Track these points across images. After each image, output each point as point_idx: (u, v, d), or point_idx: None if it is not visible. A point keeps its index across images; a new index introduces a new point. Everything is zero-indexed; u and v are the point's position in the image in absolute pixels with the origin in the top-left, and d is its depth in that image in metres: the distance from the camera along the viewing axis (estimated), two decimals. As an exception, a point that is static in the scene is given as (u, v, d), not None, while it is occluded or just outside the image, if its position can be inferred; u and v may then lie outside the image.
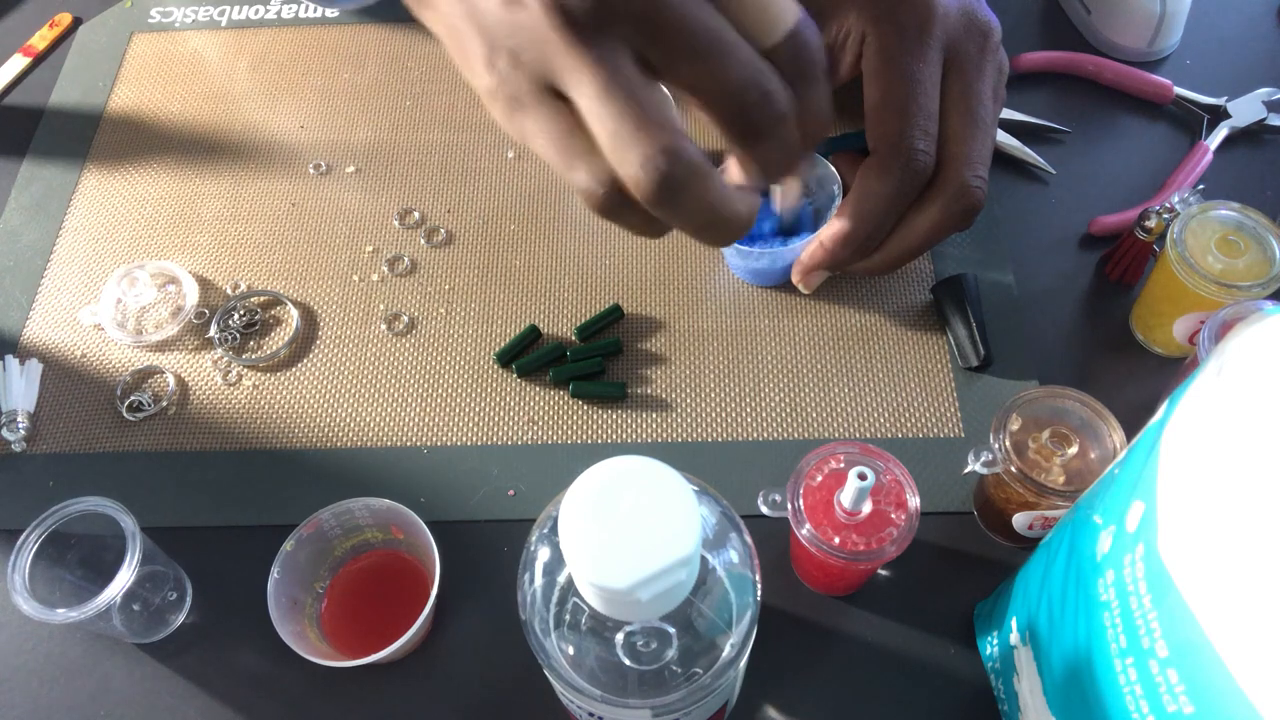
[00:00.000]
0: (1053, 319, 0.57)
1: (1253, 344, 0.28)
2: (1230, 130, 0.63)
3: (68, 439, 0.55)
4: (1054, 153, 0.63)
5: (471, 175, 0.64)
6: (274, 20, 0.72)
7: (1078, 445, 0.45)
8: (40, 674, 0.48)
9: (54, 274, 0.61)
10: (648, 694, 0.32)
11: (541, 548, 0.34)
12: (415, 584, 0.48)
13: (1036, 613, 0.39)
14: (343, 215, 0.63)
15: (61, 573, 0.47)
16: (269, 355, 0.57)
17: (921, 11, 0.46)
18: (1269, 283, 0.48)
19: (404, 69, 0.69)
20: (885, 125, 0.46)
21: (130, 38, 0.72)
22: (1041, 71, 0.67)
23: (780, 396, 0.55)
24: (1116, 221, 0.59)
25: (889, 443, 0.53)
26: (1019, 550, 0.50)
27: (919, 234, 0.48)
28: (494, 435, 0.54)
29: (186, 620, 0.49)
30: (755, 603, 0.33)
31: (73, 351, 0.58)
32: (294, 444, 0.54)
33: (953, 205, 0.47)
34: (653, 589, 0.27)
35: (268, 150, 0.66)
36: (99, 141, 0.66)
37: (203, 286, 0.60)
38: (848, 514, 0.42)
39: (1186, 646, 0.28)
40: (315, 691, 0.47)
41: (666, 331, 0.57)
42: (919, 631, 0.48)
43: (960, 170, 0.47)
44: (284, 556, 0.46)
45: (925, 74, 0.46)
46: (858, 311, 0.57)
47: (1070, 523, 0.37)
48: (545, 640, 0.33)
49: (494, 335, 0.57)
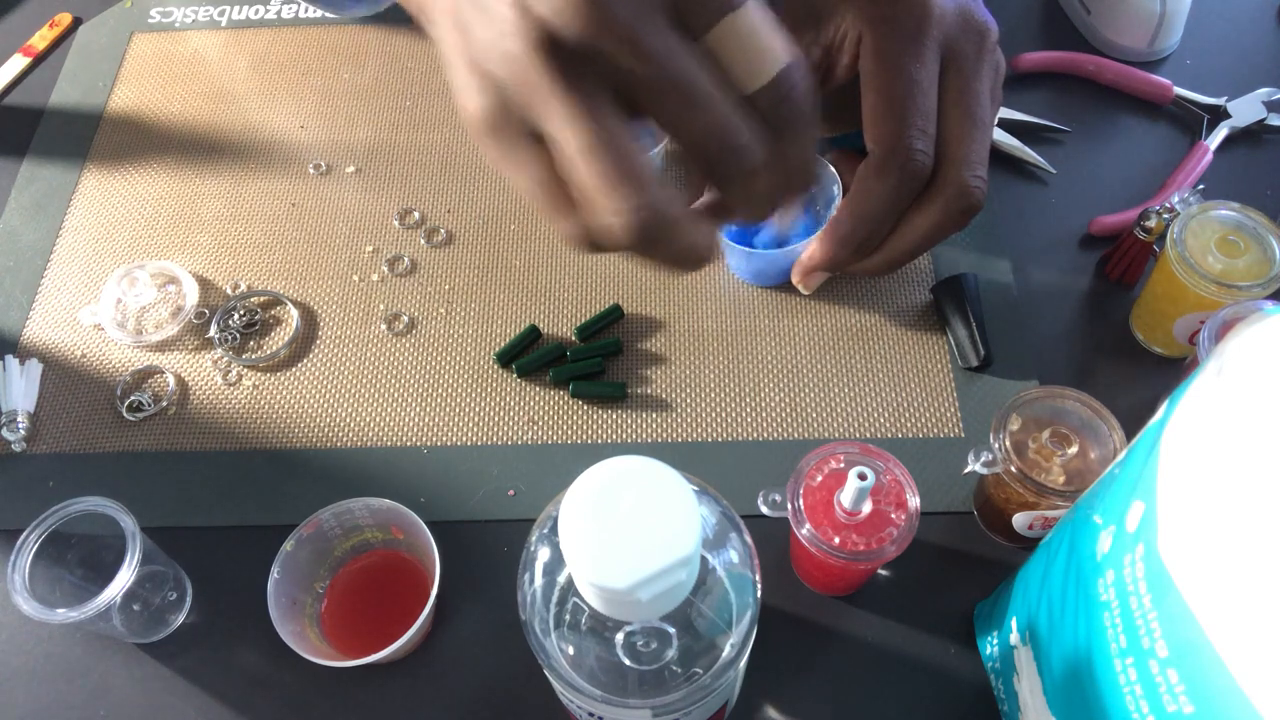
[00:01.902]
0: (1053, 319, 0.57)
1: (1253, 344, 0.28)
2: (1230, 130, 0.63)
3: (68, 439, 0.55)
4: (1054, 153, 0.63)
5: (471, 175, 0.64)
6: (274, 20, 0.72)
7: (1078, 445, 0.45)
8: (40, 674, 0.48)
9: (54, 274, 0.61)
10: (648, 694, 0.32)
11: (541, 548, 0.34)
12: (415, 584, 0.48)
13: (1036, 613, 0.39)
14: (343, 215, 0.63)
15: (61, 573, 0.47)
16: (269, 355, 0.57)
17: (918, 12, 0.46)
18: (1269, 283, 0.48)
19: (404, 69, 0.69)
20: (883, 126, 0.46)
21: (130, 38, 0.72)
22: (1041, 71, 0.67)
23: (780, 396, 0.55)
24: (1116, 221, 0.59)
25: (889, 443, 0.53)
26: (1019, 550, 0.50)
27: (918, 234, 0.48)
28: (494, 435, 0.54)
29: (186, 620, 0.49)
30: (755, 603, 0.33)
31: (73, 351, 0.58)
32: (294, 444, 0.54)
33: (952, 205, 0.47)
34: (653, 589, 0.27)
35: (268, 150, 0.66)
36: (99, 141, 0.66)
37: (203, 286, 0.60)
38: (848, 514, 0.42)
39: (1186, 646, 0.28)
40: (315, 691, 0.47)
41: (666, 331, 0.57)
42: (919, 631, 0.48)
43: (959, 170, 0.46)
44: (284, 556, 0.46)
45: (922, 74, 0.46)
46: (858, 311, 0.57)
47: (1070, 523, 0.37)
48: (545, 640, 0.33)
49: (494, 335, 0.57)
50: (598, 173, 0.30)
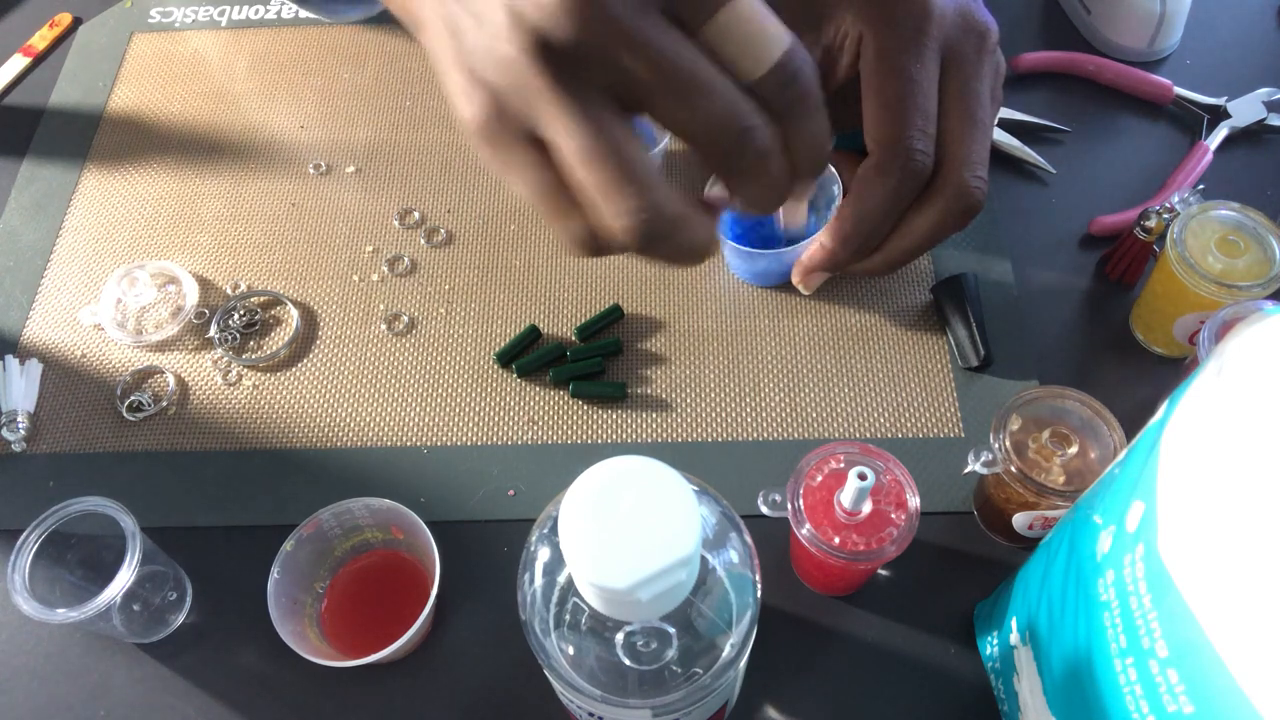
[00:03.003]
0: (1053, 319, 0.57)
1: (1253, 344, 0.28)
2: (1230, 130, 0.63)
3: (68, 439, 0.55)
4: (1054, 153, 0.63)
5: (471, 175, 0.64)
6: (274, 20, 0.72)
7: (1078, 445, 0.45)
8: (40, 674, 0.48)
9: (54, 274, 0.61)
10: (648, 694, 0.32)
11: (541, 548, 0.34)
12: (415, 584, 0.48)
13: (1036, 613, 0.39)
14: (343, 215, 0.63)
15: (61, 573, 0.47)
16: (269, 355, 0.57)
17: (918, 13, 0.46)
18: (1269, 283, 0.48)
19: (404, 69, 0.69)
20: (883, 127, 0.46)
21: (130, 38, 0.72)
22: (1041, 71, 0.67)
23: (780, 396, 0.55)
24: (1116, 221, 0.59)
25: (889, 443, 0.53)
26: (1019, 550, 0.50)
27: (919, 234, 0.48)
28: (494, 435, 0.54)
29: (186, 620, 0.49)
30: (755, 603, 0.33)
31: (73, 351, 0.58)
32: (294, 444, 0.54)
33: (953, 206, 0.47)
34: (653, 589, 0.27)
35: (268, 150, 0.66)
36: (99, 141, 0.66)
37: (203, 286, 0.60)
38: (848, 514, 0.42)
39: (1186, 646, 0.28)
40: (315, 691, 0.47)
41: (666, 331, 0.57)
42: (919, 631, 0.48)
43: (960, 170, 0.47)
44: (284, 556, 0.46)
45: (922, 75, 0.46)
46: (858, 311, 0.57)
47: (1070, 523, 0.37)
48: (545, 640, 0.33)
49: (494, 335, 0.57)
50: (599, 176, 0.30)
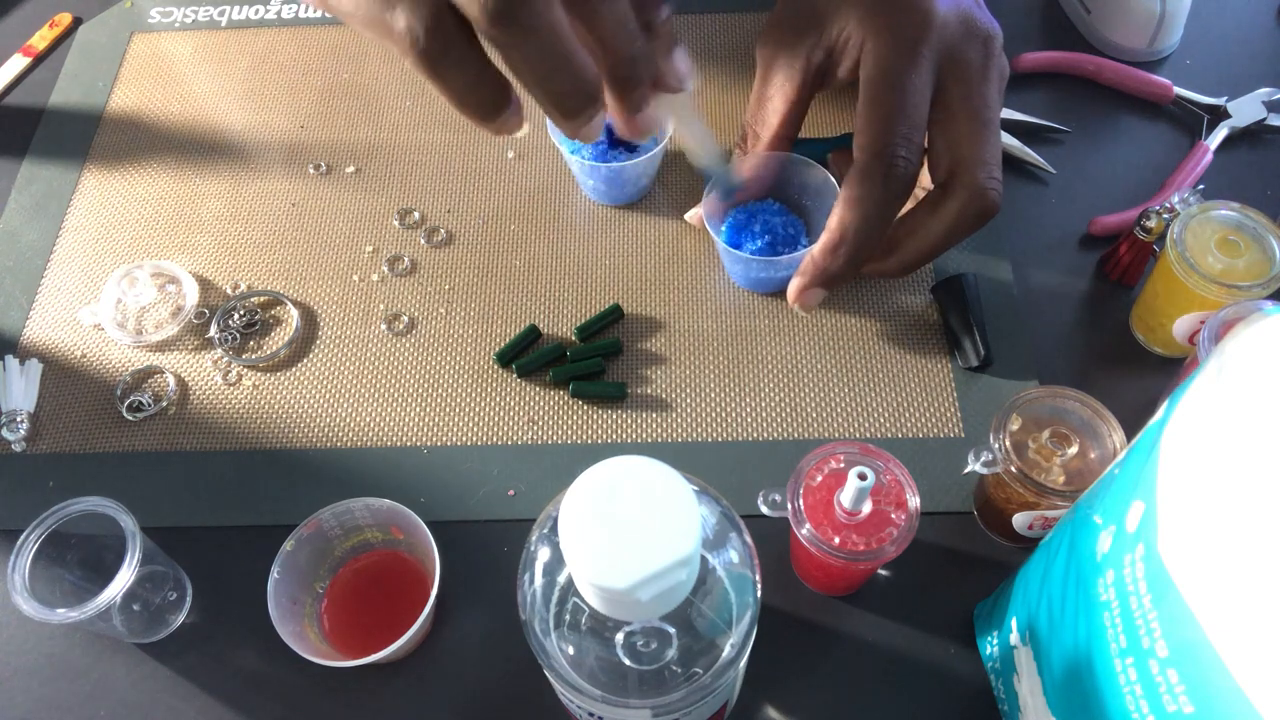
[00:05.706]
0: (1053, 319, 0.57)
1: (1253, 344, 0.28)
2: (1230, 130, 0.63)
3: (68, 439, 0.55)
4: (1054, 153, 0.63)
5: (471, 175, 0.64)
6: (274, 20, 0.72)
7: (1078, 445, 0.45)
8: (40, 674, 0.48)
9: (54, 274, 0.61)
10: (648, 694, 0.32)
11: (541, 548, 0.34)
12: (415, 584, 0.48)
13: (1036, 613, 0.39)
14: (343, 215, 0.63)
15: (61, 573, 0.47)
16: (269, 355, 0.57)
17: (919, 22, 0.46)
18: (1269, 283, 0.48)
19: (404, 69, 0.69)
20: (868, 133, 0.47)
21: (130, 38, 0.72)
22: (1041, 71, 0.67)
23: (780, 396, 0.55)
24: (1116, 221, 0.59)
25: (889, 443, 0.53)
26: (1019, 550, 0.50)
27: (935, 236, 0.49)
28: (494, 435, 0.54)
29: (186, 620, 0.49)
30: (755, 603, 0.33)
31: (73, 351, 0.58)
32: (294, 444, 0.54)
33: (968, 207, 0.48)
34: (653, 589, 0.27)
35: (268, 150, 0.66)
36: (99, 141, 0.66)
37: (203, 286, 0.60)
38: (848, 514, 0.42)
39: (1186, 646, 0.28)
40: (315, 691, 0.47)
41: (666, 332, 0.57)
42: (919, 631, 0.48)
43: (974, 172, 0.47)
44: (284, 556, 0.46)
45: (914, 84, 0.46)
46: (858, 311, 0.57)
47: (1070, 523, 0.37)
48: (545, 640, 0.33)
49: (494, 335, 0.57)
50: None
